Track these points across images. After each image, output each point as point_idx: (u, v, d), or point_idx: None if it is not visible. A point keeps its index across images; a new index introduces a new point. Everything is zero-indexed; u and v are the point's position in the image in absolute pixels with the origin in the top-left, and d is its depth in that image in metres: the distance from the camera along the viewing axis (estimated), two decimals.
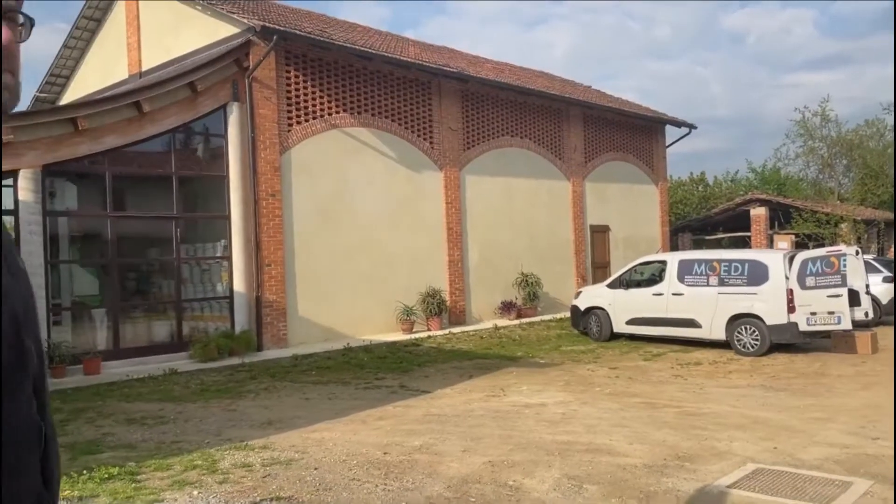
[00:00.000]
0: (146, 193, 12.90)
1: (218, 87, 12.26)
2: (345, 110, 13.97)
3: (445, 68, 15.44)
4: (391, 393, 8.92)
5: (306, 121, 13.33)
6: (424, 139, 15.53)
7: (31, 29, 1.04)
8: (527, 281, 16.95)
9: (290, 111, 13.08)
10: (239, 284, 12.48)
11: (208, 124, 12.60)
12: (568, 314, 15.34)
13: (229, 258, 12.57)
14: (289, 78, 13.10)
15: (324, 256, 13.44)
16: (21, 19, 1.02)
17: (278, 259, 12.72)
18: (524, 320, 16.22)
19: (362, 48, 13.87)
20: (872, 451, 5.84)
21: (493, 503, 4.62)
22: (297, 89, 13.21)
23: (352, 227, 13.96)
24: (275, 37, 12.20)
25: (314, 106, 13.46)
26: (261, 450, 6.03)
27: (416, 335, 13.97)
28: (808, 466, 5.43)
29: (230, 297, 12.56)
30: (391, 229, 14.65)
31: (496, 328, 15.06)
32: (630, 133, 21.60)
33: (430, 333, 14.26)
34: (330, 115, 13.71)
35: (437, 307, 14.83)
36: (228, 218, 12.55)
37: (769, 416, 7.26)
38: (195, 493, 4.93)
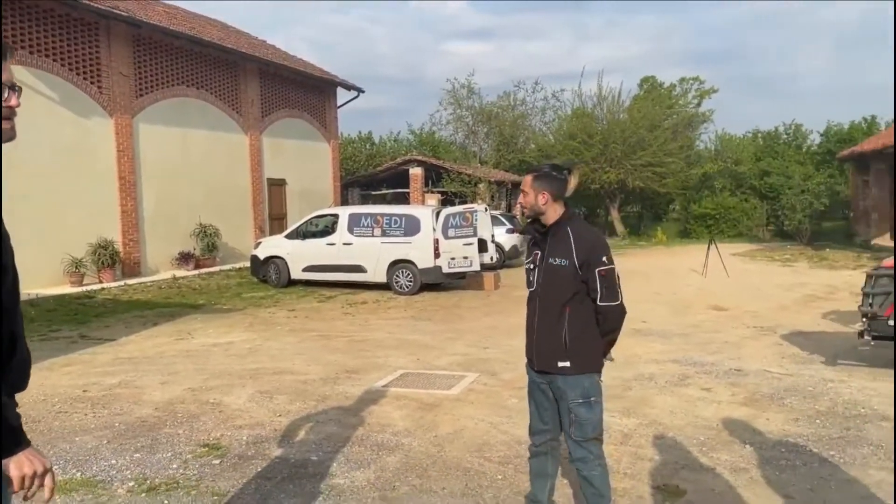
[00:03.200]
0: None
1: None
2: None
3: (115, 11, 14.74)
4: (71, 343, 8.97)
5: None
6: (92, 83, 14.74)
7: (21, 93, 1.79)
8: (205, 232, 17.23)
9: None
10: None
11: None
12: (247, 264, 16.15)
13: None
14: None
15: None
16: (17, 87, 1.77)
17: None
18: (203, 270, 16.58)
19: None
20: (483, 356, 7.98)
21: (200, 415, 5.53)
22: None
23: (10, 174, 12.82)
24: None
25: None
26: None
27: (88, 288, 13.56)
28: (439, 369, 7.31)
29: None
30: (56, 177, 13.77)
31: (175, 279, 15.23)
32: (305, 91, 22.71)
33: (104, 286, 13.93)
34: None
35: (109, 259, 14.45)
36: None
37: (416, 339, 9.18)
38: None
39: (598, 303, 3.22)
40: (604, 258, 3.22)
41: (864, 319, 6.85)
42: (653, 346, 8.33)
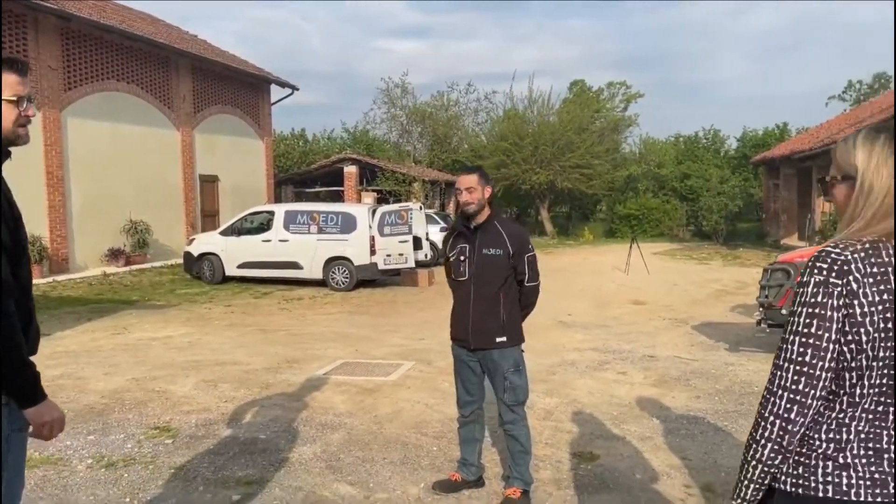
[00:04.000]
0: None
1: None
2: None
3: (43, 3, 14.44)
4: None
5: None
6: None
7: (35, 102, 2.11)
8: (136, 228, 17.04)
9: None
10: None
11: None
12: (179, 261, 16.10)
13: None
14: None
15: None
16: (32, 98, 2.08)
17: None
18: (134, 267, 16.40)
19: None
20: (419, 347, 8.40)
21: (147, 402, 5.76)
22: None
23: None
24: None
25: None
26: None
27: None
28: (377, 358, 7.69)
29: None
30: None
31: (105, 275, 15.05)
32: (238, 88, 22.59)
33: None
34: None
35: (37, 255, 14.16)
36: None
37: (354, 332, 9.53)
38: None
39: (526, 283, 3.84)
40: (530, 246, 3.87)
41: (760, 309, 7.62)
42: (576, 337, 8.95)
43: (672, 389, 6.28)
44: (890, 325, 1.43)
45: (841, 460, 1.48)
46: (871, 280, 1.45)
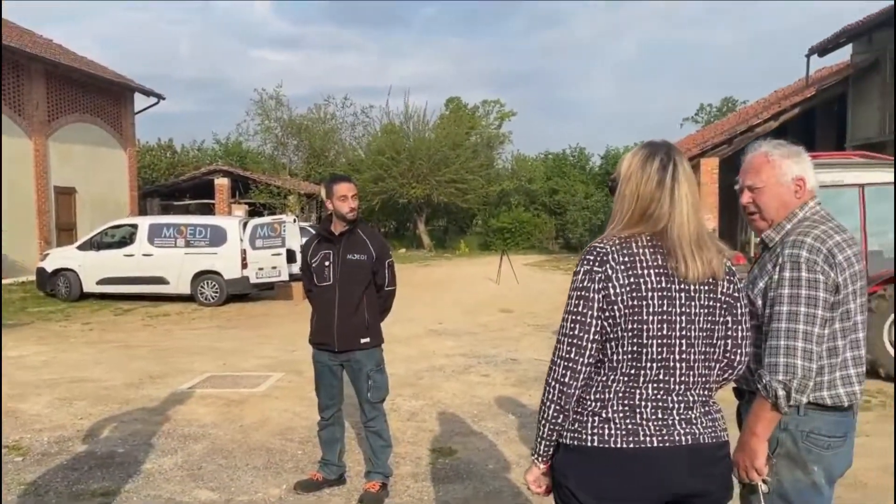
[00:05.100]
0: None
1: None
2: None
3: None
4: None
5: None
6: None
7: None
8: None
9: None
10: None
11: None
12: (32, 277, 15.07)
13: None
14: None
15: None
16: None
17: None
18: None
19: None
20: (287, 358, 8.41)
21: None
22: None
23: None
24: None
25: None
26: None
27: None
28: (246, 371, 7.65)
29: None
30: None
31: None
32: (98, 95, 21.44)
33: None
34: None
35: None
36: None
37: (223, 345, 9.39)
38: None
39: (385, 288, 4.09)
40: (390, 253, 4.16)
41: None
42: (446, 343, 9.27)
43: (529, 388, 6.69)
44: (635, 302, 1.77)
45: (604, 415, 1.79)
46: (622, 267, 1.78)
